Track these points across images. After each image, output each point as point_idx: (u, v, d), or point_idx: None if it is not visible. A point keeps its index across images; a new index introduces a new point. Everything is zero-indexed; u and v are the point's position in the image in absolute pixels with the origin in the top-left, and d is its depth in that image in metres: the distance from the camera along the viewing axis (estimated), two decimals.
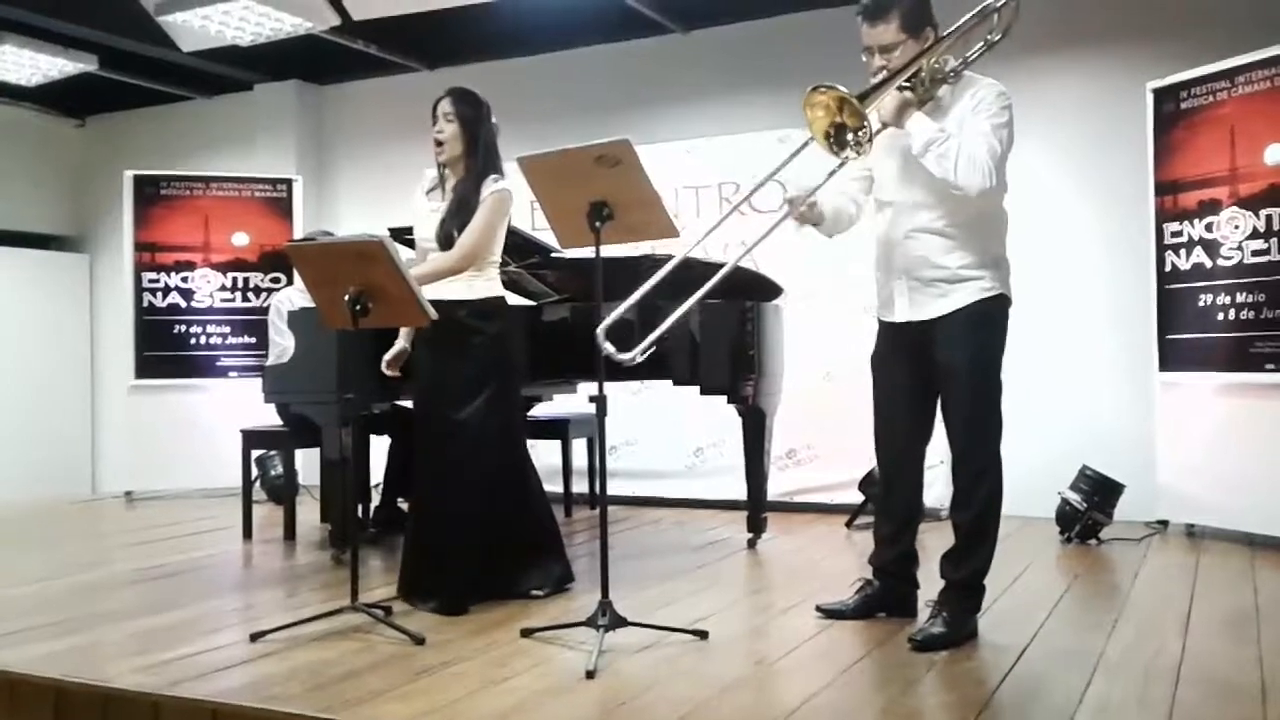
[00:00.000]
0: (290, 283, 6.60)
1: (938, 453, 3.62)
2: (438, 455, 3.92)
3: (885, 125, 3.33)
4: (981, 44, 3.37)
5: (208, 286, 7.51)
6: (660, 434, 6.54)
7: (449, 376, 3.91)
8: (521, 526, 4.04)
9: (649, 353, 3.25)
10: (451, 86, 4.03)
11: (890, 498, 3.67)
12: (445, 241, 3.90)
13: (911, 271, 3.41)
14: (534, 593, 3.99)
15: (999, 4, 3.35)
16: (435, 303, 3.83)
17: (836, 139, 3.21)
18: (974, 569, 3.41)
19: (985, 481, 3.39)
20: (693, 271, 5.38)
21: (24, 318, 8.42)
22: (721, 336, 4.99)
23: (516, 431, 4.13)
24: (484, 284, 3.97)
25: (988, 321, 3.38)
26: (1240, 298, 5.02)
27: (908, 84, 3.30)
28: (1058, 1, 5.95)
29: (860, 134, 3.15)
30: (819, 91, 3.17)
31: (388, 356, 4.23)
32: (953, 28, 3.35)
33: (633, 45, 7.04)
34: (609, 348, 3.21)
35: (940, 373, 3.41)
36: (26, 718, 3.10)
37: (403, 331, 4.21)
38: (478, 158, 3.93)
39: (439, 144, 3.95)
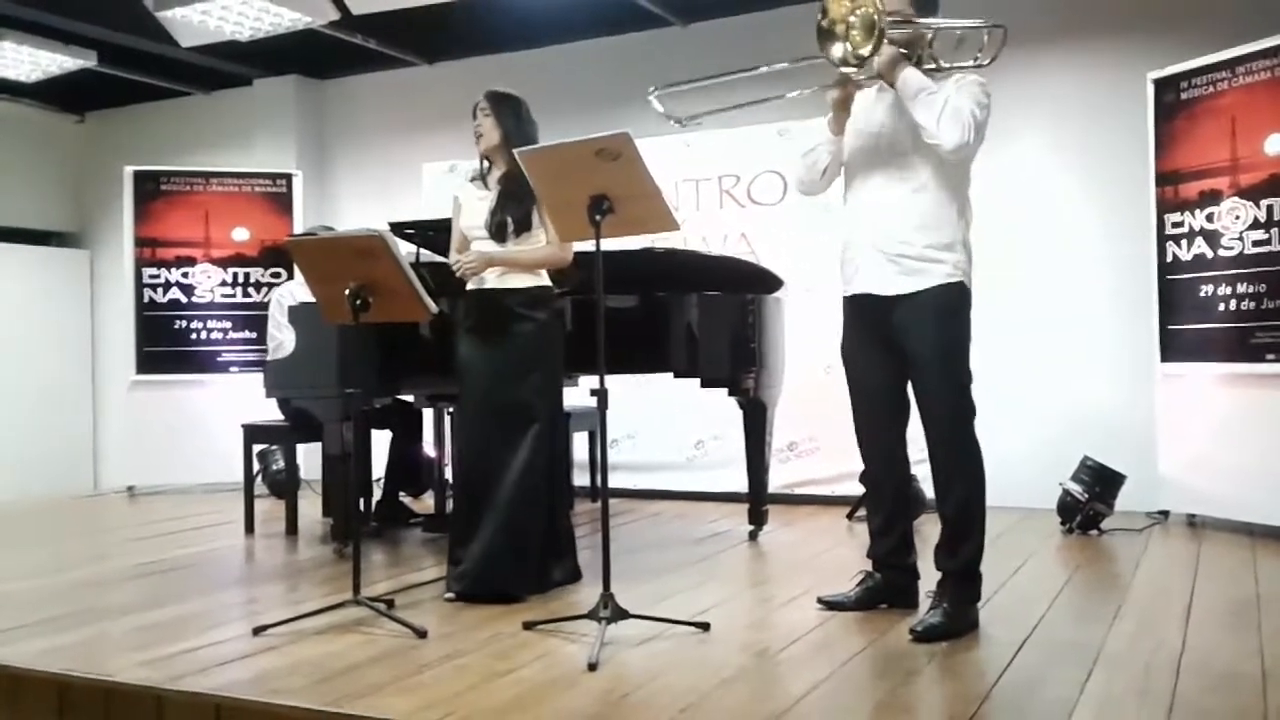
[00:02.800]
0: (291, 277, 6.60)
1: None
2: (493, 441, 3.94)
3: (879, 76, 3.38)
4: (971, 61, 3.44)
5: (208, 282, 7.52)
6: (661, 427, 6.54)
7: (499, 364, 3.94)
8: (556, 517, 4.10)
9: None
10: (490, 88, 4.11)
11: (878, 489, 3.70)
12: (498, 230, 3.96)
13: (878, 244, 3.44)
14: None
15: (987, 25, 3.40)
16: (488, 291, 3.92)
17: (826, 32, 3.28)
18: (967, 557, 3.43)
19: (964, 469, 3.42)
20: (693, 262, 5.41)
21: (25, 314, 8.42)
22: (722, 329, 4.99)
23: (560, 421, 4.16)
24: (539, 272, 4.03)
25: (951, 312, 3.41)
26: (1241, 288, 5.02)
27: (905, 52, 3.38)
28: None
29: (861, 53, 3.21)
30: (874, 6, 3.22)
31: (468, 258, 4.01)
32: (950, 22, 3.42)
33: (631, 38, 7.03)
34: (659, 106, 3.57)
35: (910, 366, 3.45)
36: (29, 713, 3.11)
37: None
38: (514, 148, 3.99)
39: (478, 136, 4.06)
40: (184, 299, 7.48)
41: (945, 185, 3.39)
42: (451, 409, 5.58)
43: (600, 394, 3.44)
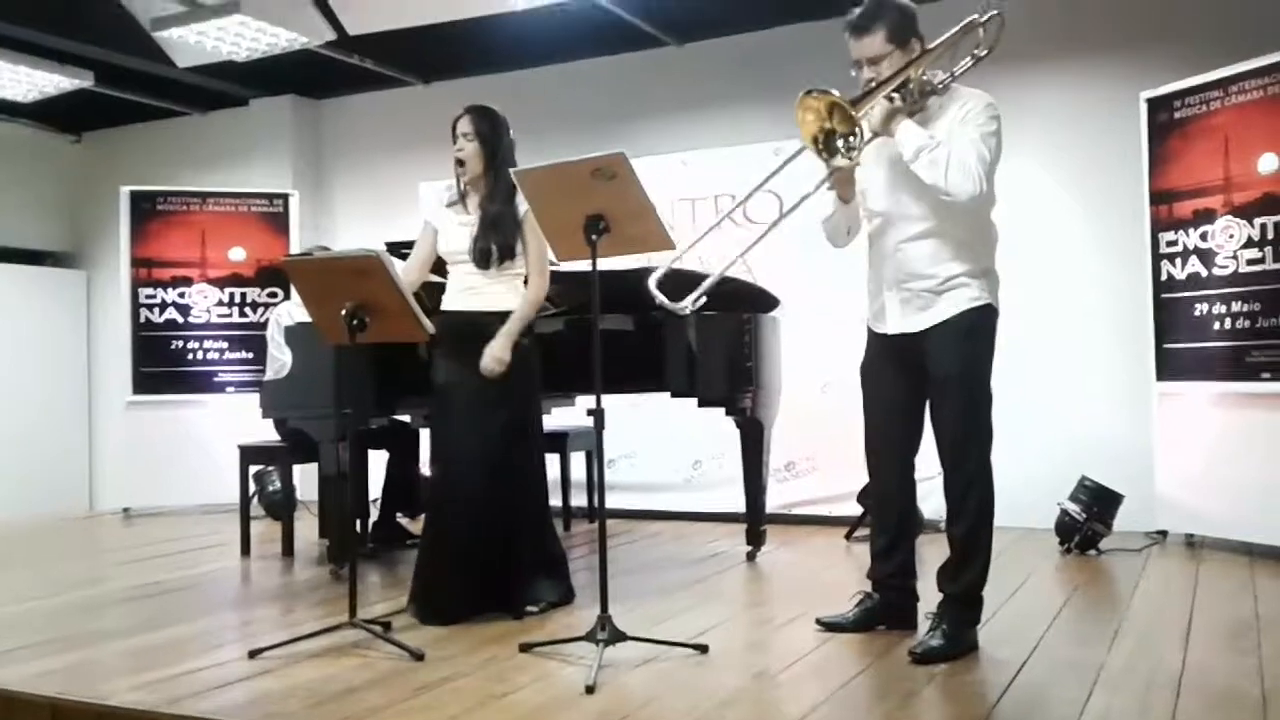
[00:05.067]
0: (288, 297, 6.60)
1: (934, 464, 3.62)
2: (462, 465, 3.91)
3: (875, 134, 3.35)
4: (969, 59, 3.41)
5: (205, 302, 7.52)
6: (659, 447, 6.53)
7: (481, 388, 3.90)
8: (534, 541, 4.06)
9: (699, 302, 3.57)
10: (469, 104, 4.06)
11: (884, 510, 3.67)
12: (482, 257, 3.92)
13: (902, 283, 3.43)
14: (529, 609, 3.98)
15: (983, 19, 3.39)
16: (469, 315, 3.92)
17: (825, 145, 3.26)
18: (970, 581, 3.41)
19: (975, 492, 3.39)
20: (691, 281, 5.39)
21: (21, 334, 8.40)
22: (719, 348, 4.99)
23: (539, 443, 4.15)
24: (519, 295, 4.01)
25: (976, 332, 3.40)
26: (1236, 307, 5.02)
27: (897, 94, 3.34)
28: (1052, 12, 5.98)
29: (850, 140, 3.19)
30: (811, 96, 3.21)
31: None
32: (939, 40, 3.39)
33: (627, 58, 7.05)
34: (661, 296, 3.48)
35: (930, 383, 3.43)
36: None
37: None
38: (498, 173, 3.96)
39: (460, 163, 4.00)
40: (180, 319, 7.48)
41: (964, 217, 3.36)
42: None
43: (597, 414, 3.44)
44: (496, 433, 3.90)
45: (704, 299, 3.58)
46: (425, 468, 5.82)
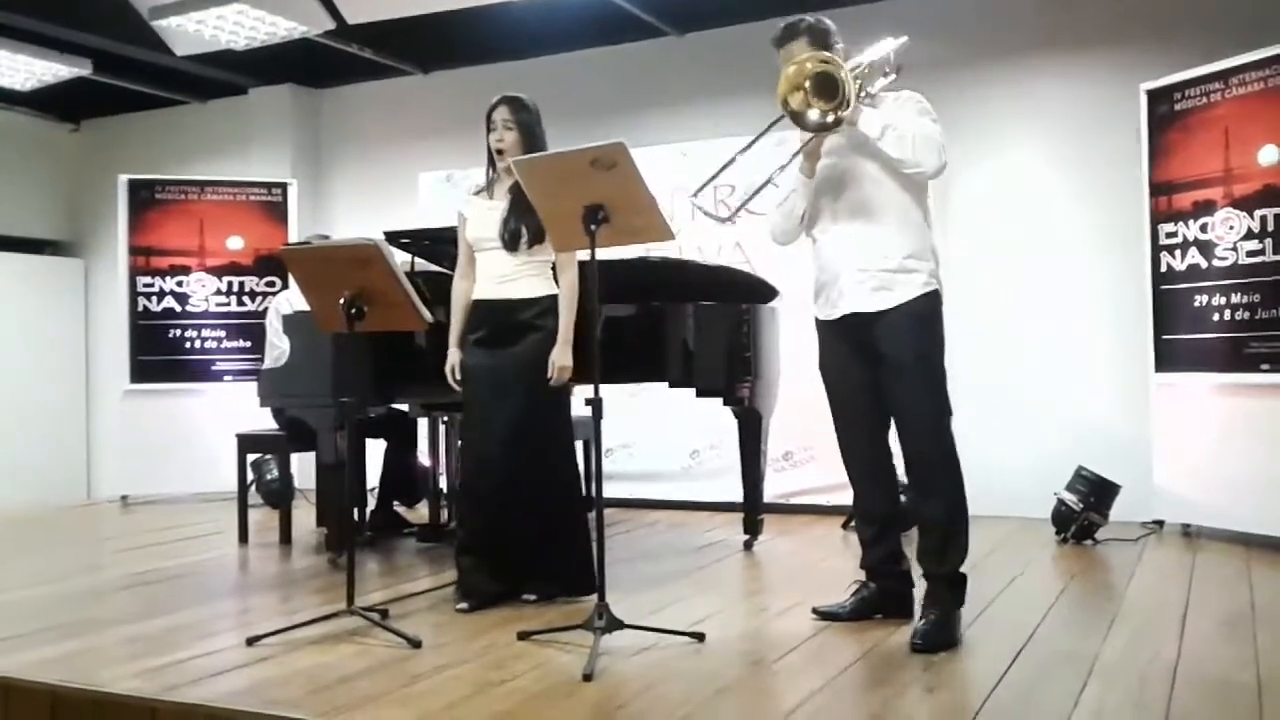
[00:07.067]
0: (286, 286, 6.59)
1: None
2: (495, 450, 3.92)
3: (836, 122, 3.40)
4: (884, 78, 3.55)
5: (203, 290, 7.51)
6: (657, 436, 6.54)
7: (517, 373, 3.93)
8: (567, 526, 4.06)
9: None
10: (505, 94, 4.06)
11: (868, 499, 3.70)
12: (512, 239, 3.93)
13: (860, 264, 3.48)
14: (525, 597, 3.99)
15: (896, 42, 3.53)
16: (504, 302, 3.94)
17: (795, 115, 3.35)
18: (956, 561, 3.45)
19: (946, 472, 3.45)
20: (688, 272, 5.42)
21: (18, 323, 8.39)
22: (718, 339, 4.99)
23: (569, 429, 4.15)
24: (549, 282, 4.02)
25: (929, 317, 3.48)
26: (1235, 298, 5.03)
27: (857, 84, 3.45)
28: (1052, 3, 5.98)
29: (839, 113, 3.26)
30: (827, 64, 3.28)
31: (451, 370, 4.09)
32: (882, 52, 3.53)
33: (627, 48, 7.04)
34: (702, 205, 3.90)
35: (886, 370, 3.48)
36: None
37: (452, 342, 4.12)
38: None
39: (499, 151, 3.98)
40: (178, 308, 7.47)
41: (908, 196, 3.48)
42: (446, 418, 5.58)
43: (595, 403, 3.44)
44: (528, 418, 3.92)
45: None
46: (423, 457, 5.84)
